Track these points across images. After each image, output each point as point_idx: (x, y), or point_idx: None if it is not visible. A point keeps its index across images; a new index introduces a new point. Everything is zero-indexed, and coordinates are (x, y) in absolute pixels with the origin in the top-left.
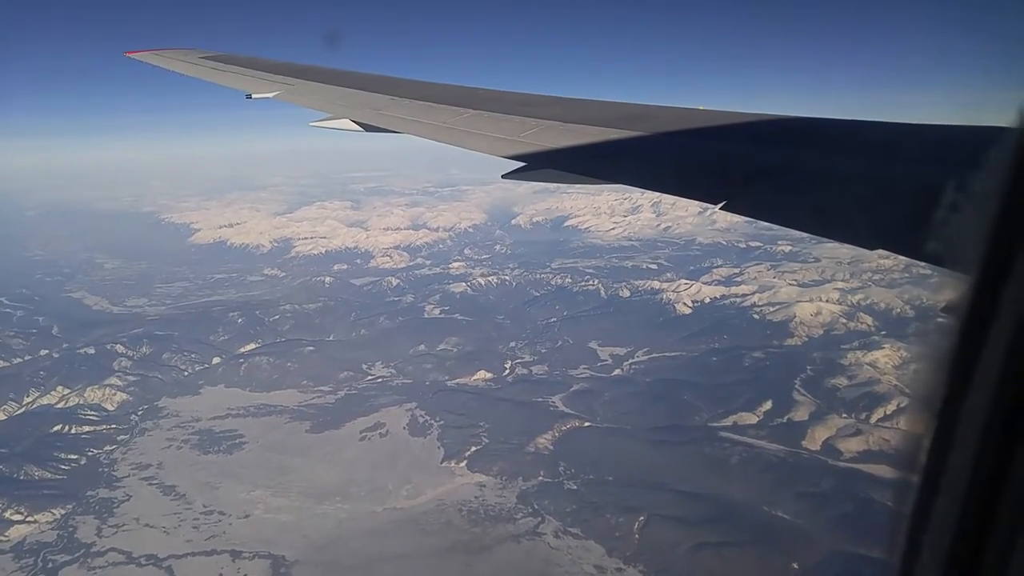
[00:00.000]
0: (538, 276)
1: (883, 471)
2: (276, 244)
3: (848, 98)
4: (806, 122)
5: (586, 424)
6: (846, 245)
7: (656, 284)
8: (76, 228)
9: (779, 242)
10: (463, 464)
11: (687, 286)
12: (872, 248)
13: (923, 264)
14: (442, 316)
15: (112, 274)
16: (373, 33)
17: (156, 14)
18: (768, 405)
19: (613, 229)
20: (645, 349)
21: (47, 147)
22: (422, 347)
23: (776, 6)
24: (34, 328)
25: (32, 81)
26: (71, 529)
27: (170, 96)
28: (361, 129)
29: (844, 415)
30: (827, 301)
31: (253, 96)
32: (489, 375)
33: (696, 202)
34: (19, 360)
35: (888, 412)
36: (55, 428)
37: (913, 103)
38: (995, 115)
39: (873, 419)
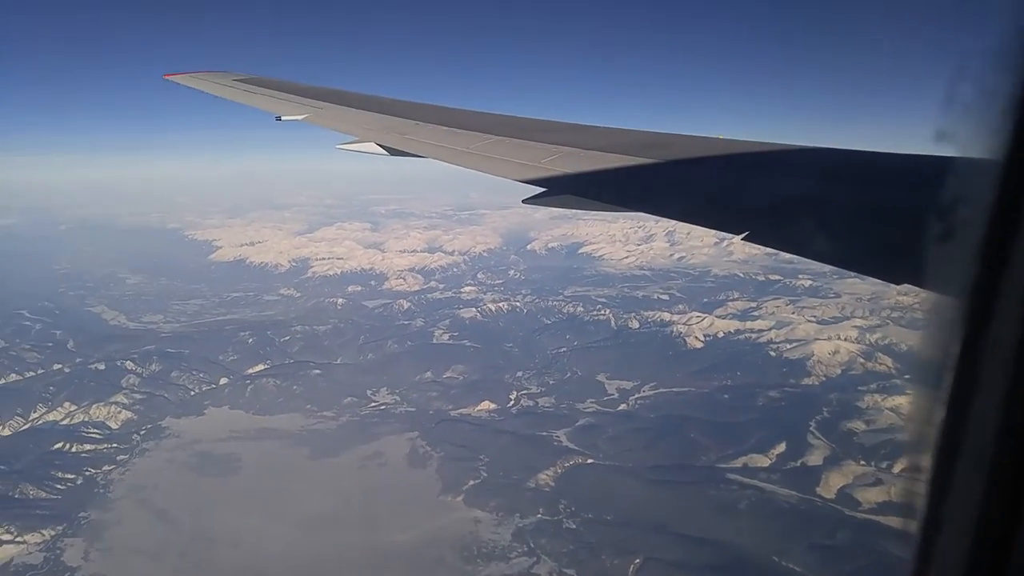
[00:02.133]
0: (550, 303)
1: (906, 525)
2: (294, 264)
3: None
4: (829, 153)
5: (589, 461)
6: (868, 280)
7: (667, 316)
8: (103, 242)
9: (800, 276)
10: (460, 498)
11: (699, 319)
12: (898, 283)
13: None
14: (451, 342)
15: (132, 289)
16: (399, 60)
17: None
18: (781, 447)
19: (627, 258)
20: (652, 384)
21: (84, 163)
22: (428, 374)
23: (808, 42)
24: (50, 342)
25: (81, 102)
26: (58, 551)
27: (203, 116)
28: (386, 152)
29: (862, 462)
30: (846, 339)
31: (283, 118)
32: (494, 406)
33: (712, 232)
34: (31, 374)
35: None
36: (56, 445)
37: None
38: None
39: (896, 469)
